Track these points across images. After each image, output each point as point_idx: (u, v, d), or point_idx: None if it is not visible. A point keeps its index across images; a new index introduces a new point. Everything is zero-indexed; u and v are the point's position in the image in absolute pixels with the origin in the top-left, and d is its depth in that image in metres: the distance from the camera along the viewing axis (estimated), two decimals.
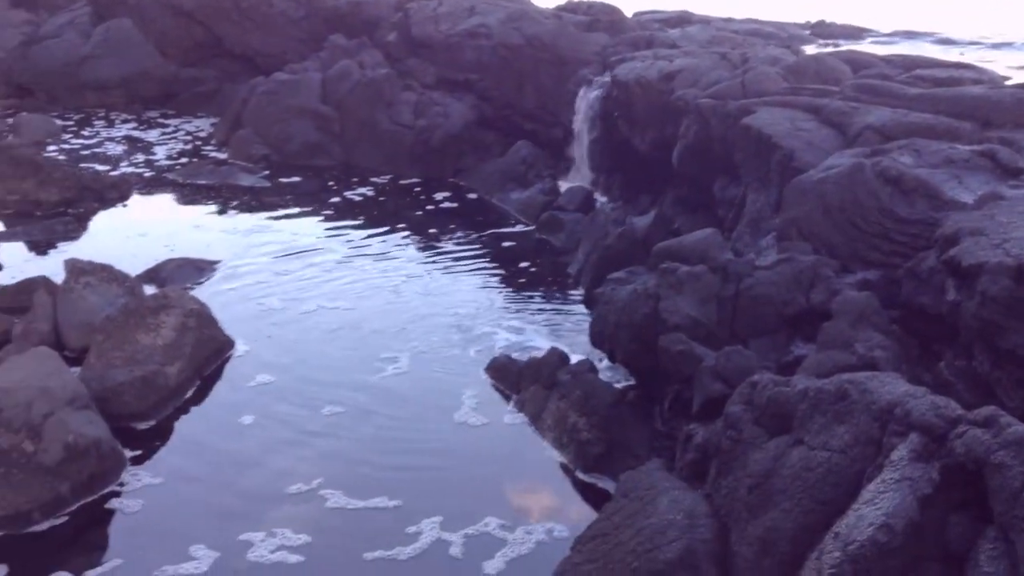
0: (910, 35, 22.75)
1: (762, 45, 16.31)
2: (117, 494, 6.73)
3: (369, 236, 12.84)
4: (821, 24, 23.50)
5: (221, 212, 13.78)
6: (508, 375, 8.38)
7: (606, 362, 8.36)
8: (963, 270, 6.02)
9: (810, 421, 5.04)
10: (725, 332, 7.26)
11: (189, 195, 14.58)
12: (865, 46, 19.25)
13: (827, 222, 7.73)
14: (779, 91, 11.18)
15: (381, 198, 14.90)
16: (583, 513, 6.58)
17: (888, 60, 13.67)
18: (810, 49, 17.15)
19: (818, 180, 8.00)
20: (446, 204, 14.65)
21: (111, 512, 6.55)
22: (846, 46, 18.39)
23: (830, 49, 16.96)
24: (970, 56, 17.84)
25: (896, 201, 7.46)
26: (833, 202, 7.75)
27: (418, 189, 15.44)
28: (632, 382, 8.01)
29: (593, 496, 6.83)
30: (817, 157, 8.84)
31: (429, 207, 14.46)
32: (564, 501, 6.85)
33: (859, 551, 4.18)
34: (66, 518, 6.44)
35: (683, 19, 20.31)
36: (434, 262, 11.90)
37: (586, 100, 14.76)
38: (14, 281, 9.92)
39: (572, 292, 10.88)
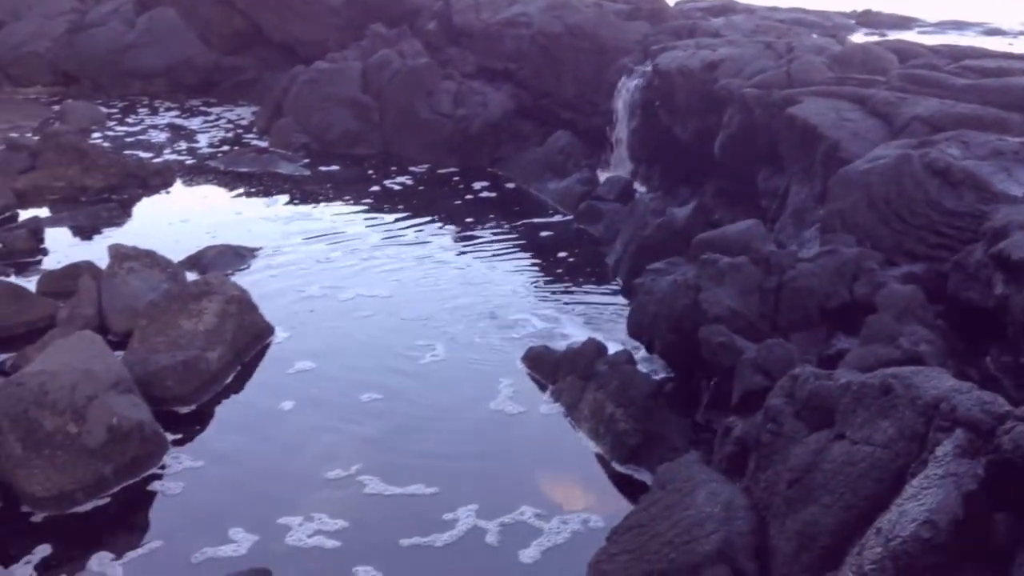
0: (958, 25, 22.33)
1: (807, 34, 16.10)
2: (158, 476, 6.82)
3: (407, 224, 12.88)
4: (867, 13, 23.14)
5: (262, 200, 13.90)
6: (545, 364, 8.37)
7: (644, 353, 8.32)
8: (1012, 264, 5.90)
9: (853, 415, 4.97)
10: (766, 324, 7.19)
11: (230, 182, 14.71)
12: (912, 36, 18.93)
13: (872, 214, 7.62)
14: (824, 81, 11.03)
15: (420, 187, 14.94)
16: (619, 504, 6.55)
17: (935, 50, 13.43)
18: (856, 38, 16.90)
19: (863, 171, 7.89)
20: (484, 193, 14.65)
21: (152, 494, 6.64)
22: (892, 35, 18.09)
23: (876, 38, 16.70)
24: (1019, 46, 17.47)
25: (943, 193, 7.34)
26: (879, 194, 7.63)
27: (456, 178, 15.45)
28: (670, 374, 7.95)
29: (629, 487, 6.80)
30: (863, 148, 8.71)
31: (467, 196, 14.46)
32: (600, 491, 6.82)
33: (901, 547, 4.12)
34: (109, 499, 6.54)
35: (727, 8, 20.10)
36: (471, 251, 11.90)
37: (626, 89, 14.66)
38: (60, 266, 10.08)
39: (610, 282, 10.83)
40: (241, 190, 14.32)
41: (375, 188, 14.68)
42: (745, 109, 11.10)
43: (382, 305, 10.02)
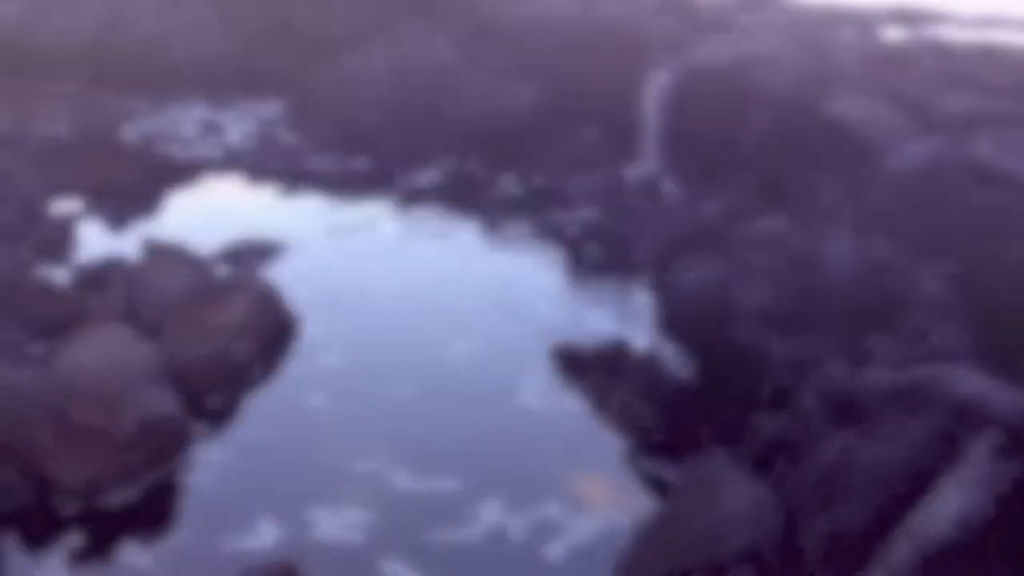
0: (994, 21, 22.02)
1: (841, 30, 15.94)
2: (186, 468, 6.87)
3: (433, 220, 12.89)
4: (902, 10, 22.87)
5: (290, 194, 13.97)
6: (571, 360, 8.35)
7: (672, 350, 8.27)
8: None
9: (883, 414, 4.91)
10: (796, 322, 7.12)
11: (259, 177, 14.79)
12: (948, 31, 18.69)
13: (906, 212, 7.54)
14: (858, 78, 10.91)
15: (446, 182, 14.95)
16: (646, 501, 6.52)
17: (972, 46, 13.25)
18: (891, 34, 16.72)
19: (897, 169, 7.80)
20: (510, 189, 14.63)
21: (180, 486, 6.69)
22: (928, 32, 17.87)
23: (911, 35, 16.50)
24: None
25: (978, 191, 7.24)
26: (912, 191, 7.54)
27: (483, 173, 15.45)
28: (699, 370, 7.91)
29: (656, 485, 6.77)
30: (897, 145, 8.61)
31: (493, 191, 14.45)
32: (627, 489, 6.80)
33: (933, 548, 4.07)
34: (136, 490, 6.59)
35: (759, 3, 19.93)
36: (498, 246, 11.90)
37: (655, 85, 14.58)
38: (91, 259, 10.19)
39: (638, 279, 10.78)
40: (269, 185, 14.40)
41: (402, 183, 14.71)
42: (776, 106, 11.01)
43: (408, 300, 10.04)
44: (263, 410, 7.81)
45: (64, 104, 19.41)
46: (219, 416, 7.63)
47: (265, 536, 6.11)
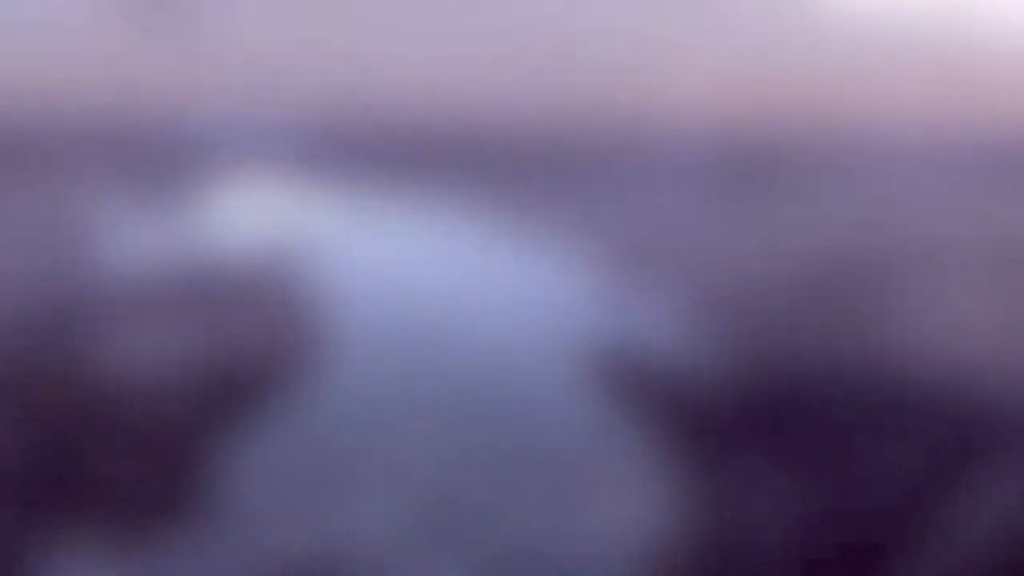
0: None
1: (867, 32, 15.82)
2: (207, 472, 6.94)
3: (465, 224, 12.95)
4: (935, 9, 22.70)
5: (318, 196, 14.08)
6: (599, 364, 8.34)
7: (698, 351, 8.25)
8: None
9: (896, 417, 4.88)
10: (820, 323, 7.09)
11: (287, 177, 14.93)
12: (989, 30, 18.48)
13: (931, 218, 7.49)
14: (886, 82, 10.85)
15: (478, 186, 15.02)
16: (664, 503, 6.50)
17: (1014, 45, 13.10)
18: (920, 37, 16.56)
19: (926, 176, 7.75)
20: (541, 193, 14.68)
21: (200, 490, 6.75)
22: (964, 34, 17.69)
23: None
24: None
25: (1007, 195, 7.17)
26: (940, 197, 7.49)
27: (514, 177, 15.51)
28: (723, 372, 7.88)
29: (677, 486, 6.74)
30: (925, 152, 8.55)
31: (519, 189, 14.51)
32: (645, 490, 6.78)
33: (947, 563, 4.03)
34: (156, 494, 6.67)
35: (780, 5, 19.85)
36: (531, 252, 11.91)
37: (677, 85, 14.58)
38: (110, 259, 10.34)
39: (664, 277, 10.76)
40: (294, 182, 14.54)
41: (424, 181, 14.81)
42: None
43: (438, 304, 10.06)
44: (285, 416, 7.87)
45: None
46: (244, 417, 7.69)
47: (285, 542, 6.16)
